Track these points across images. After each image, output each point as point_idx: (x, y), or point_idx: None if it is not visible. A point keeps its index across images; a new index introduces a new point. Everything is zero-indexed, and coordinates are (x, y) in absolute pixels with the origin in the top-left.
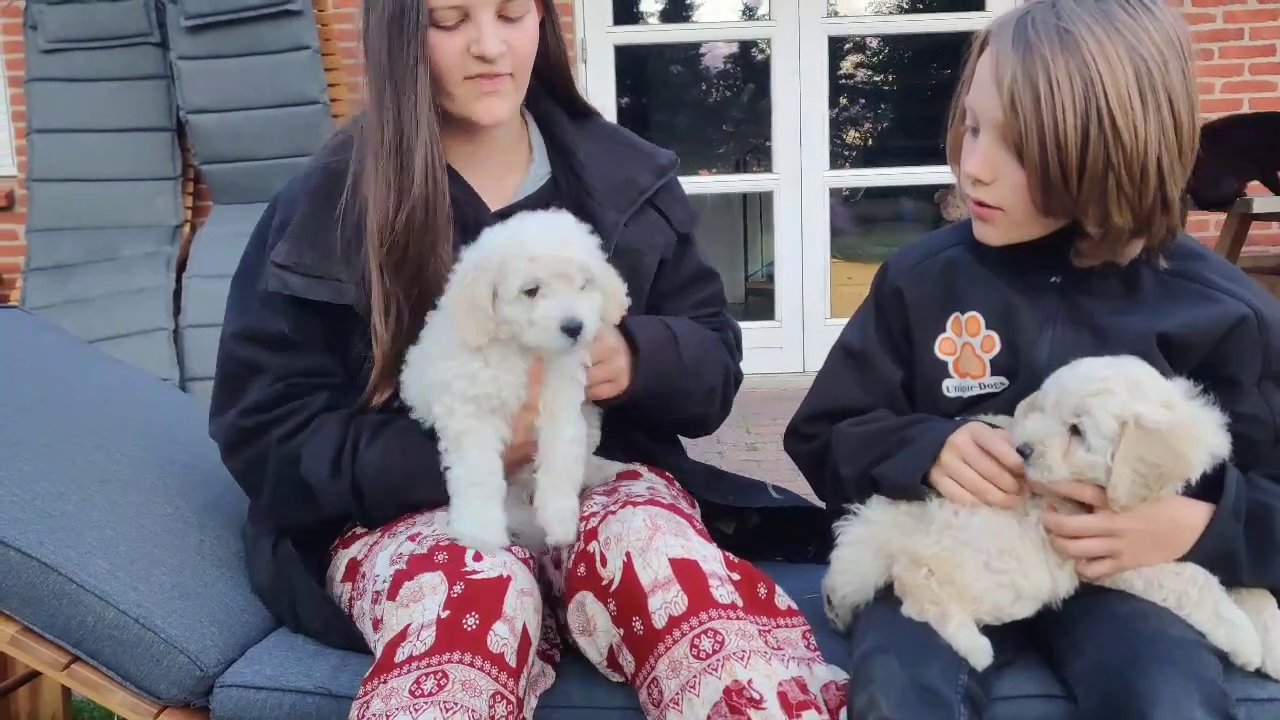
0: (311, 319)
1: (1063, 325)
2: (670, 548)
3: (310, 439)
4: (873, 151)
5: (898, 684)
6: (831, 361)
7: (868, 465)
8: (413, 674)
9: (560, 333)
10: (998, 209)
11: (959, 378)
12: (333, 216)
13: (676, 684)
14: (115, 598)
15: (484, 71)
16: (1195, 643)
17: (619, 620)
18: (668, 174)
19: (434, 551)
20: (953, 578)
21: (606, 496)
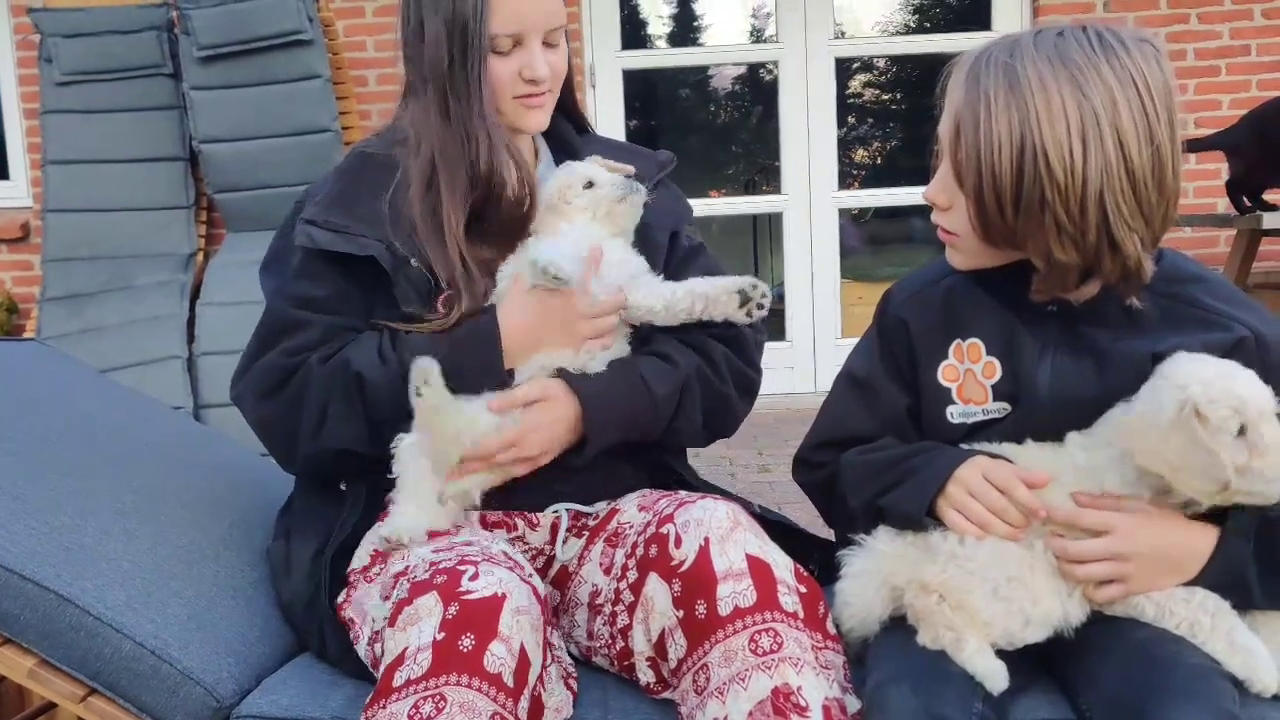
0: (341, 280)
1: (1063, 351)
2: (749, 544)
3: (350, 346)
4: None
5: (911, 713)
6: (837, 390)
7: (874, 495)
8: (411, 698)
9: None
10: (955, 234)
11: (962, 404)
12: (361, 189)
13: (727, 673)
14: (132, 630)
15: (531, 91)
16: (1211, 670)
17: (681, 601)
18: (666, 168)
19: (434, 574)
20: (963, 603)
21: (669, 496)
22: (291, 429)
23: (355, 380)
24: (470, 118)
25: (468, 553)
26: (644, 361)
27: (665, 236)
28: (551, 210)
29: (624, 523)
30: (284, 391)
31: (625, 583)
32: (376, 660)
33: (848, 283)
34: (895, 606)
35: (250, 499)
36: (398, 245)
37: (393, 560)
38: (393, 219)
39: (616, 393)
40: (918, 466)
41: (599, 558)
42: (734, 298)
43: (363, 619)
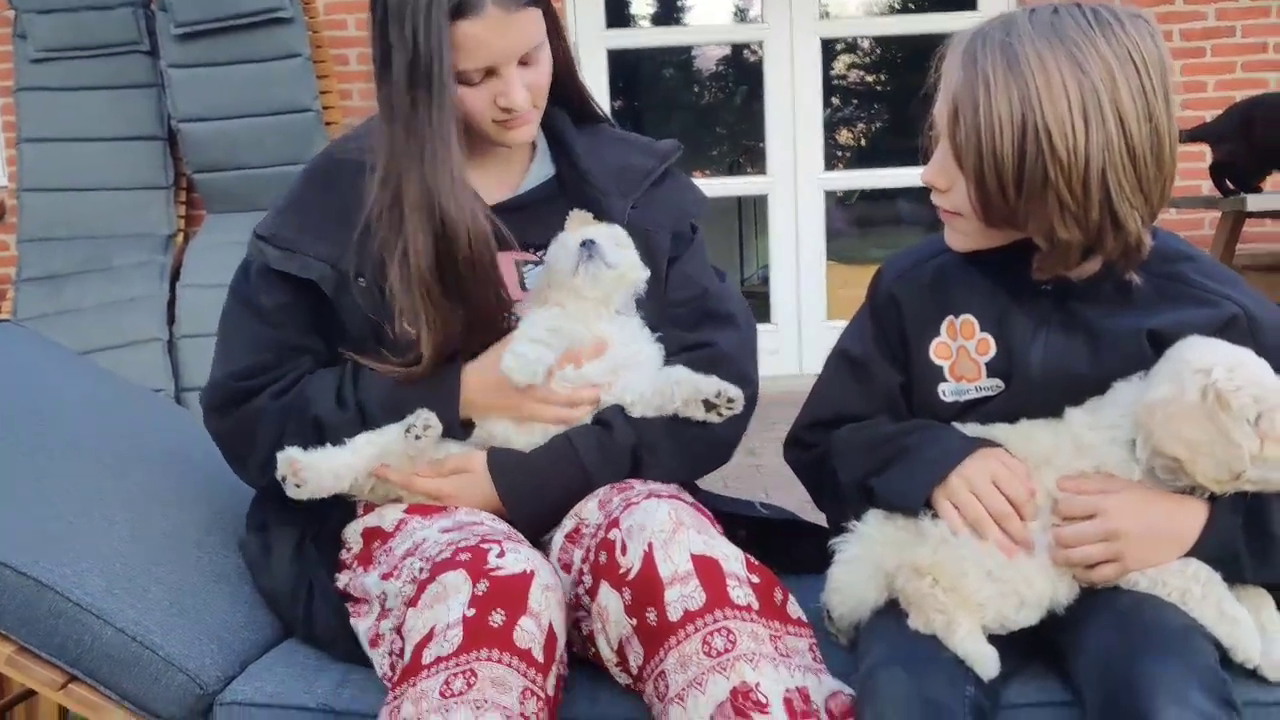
0: (288, 294)
1: (1056, 328)
2: (693, 543)
3: (309, 382)
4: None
5: (904, 698)
6: (829, 369)
7: (866, 473)
8: (442, 674)
9: (579, 247)
10: (956, 214)
11: (955, 381)
12: (322, 199)
13: (683, 679)
14: (113, 616)
15: (508, 118)
16: (1192, 630)
17: (632, 610)
18: (670, 158)
19: (456, 553)
20: (956, 585)
21: (625, 492)
22: (240, 454)
23: (313, 422)
24: (436, 167)
25: (484, 531)
26: (584, 436)
27: (666, 239)
28: (538, 288)
29: (583, 520)
30: (231, 413)
31: (583, 588)
32: (377, 638)
33: (833, 265)
34: (887, 592)
35: (233, 484)
36: (344, 264)
37: (394, 540)
38: (364, 232)
39: (541, 471)
40: (913, 448)
41: (559, 552)
42: (699, 406)
43: (365, 599)
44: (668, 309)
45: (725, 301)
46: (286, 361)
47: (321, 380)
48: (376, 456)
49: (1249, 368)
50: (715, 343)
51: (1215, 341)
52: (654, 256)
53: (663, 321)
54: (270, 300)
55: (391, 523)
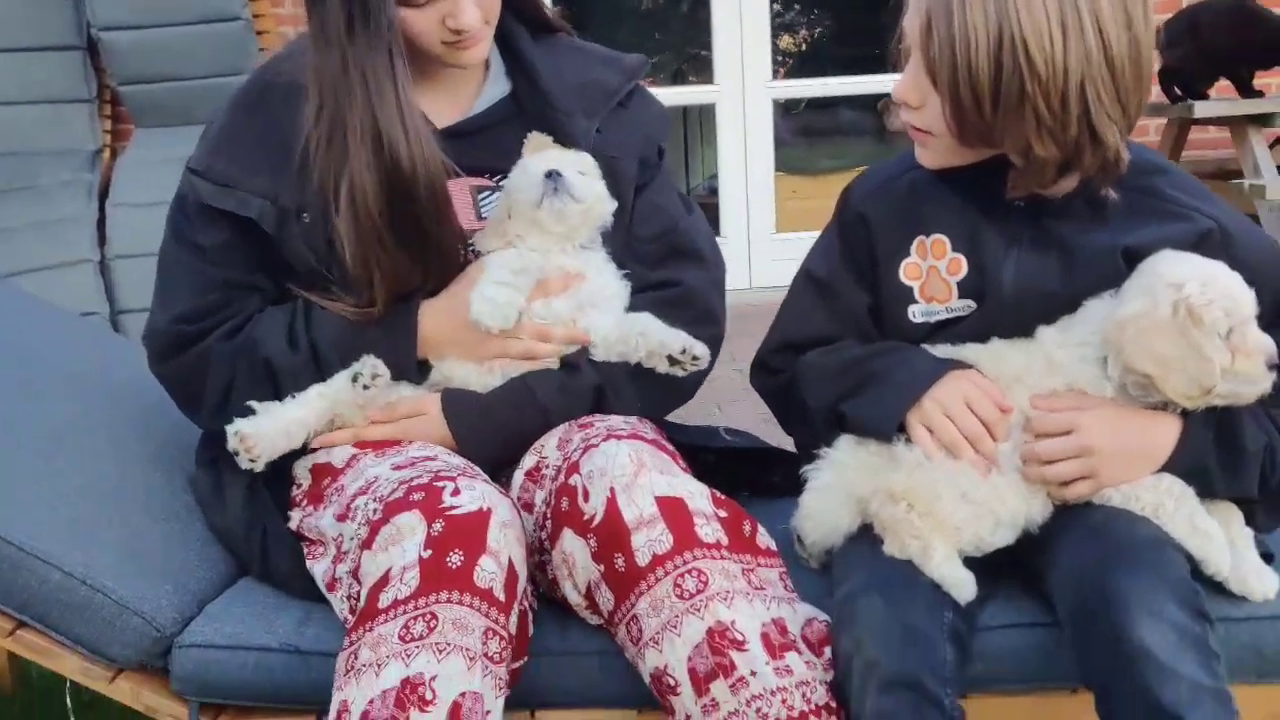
0: (228, 231)
1: (1028, 246)
2: (656, 485)
3: (258, 322)
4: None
5: (882, 624)
6: (795, 290)
7: (835, 398)
8: (400, 618)
9: (544, 179)
10: (927, 133)
11: (925, 303)
12: (256, 128)
13: (657, 622)
14: (59, 559)
15: (459, 39)
16: (1163, 541)
17: (599, 556)
18: (637, 75)
19: (409, 492)
20: (932, 509)
21: (585, 430)
22: (190, 397)
23: (264, 365)
24: (381, 96)
25: (437, 468)
26: (542, 378)
27: (633, 166)
28: (496, 217)
29: (544, 458)
30: (176, 358)
31: (545, 533)
32: (334, 582)
33: (781, 176)
34: (861, 518)
35: (176, 418)
36: (285, 199)
37: (343, 477)
38: (300, 164)
39: (497, 413)
40: (882, 371)
41: (519, 490)
42: (663, 360)
43: (320, 540)
44: (633, 243)
45: (694, 237)
46: (234, 302)
47: (272, 320)
48: (328, 410)
49: (1221, 282)
50: (683, 281)
51: (1188, 255)
52: (619, 185)
53: (627, 256)
54: (210, 238)
55: (342, 459)
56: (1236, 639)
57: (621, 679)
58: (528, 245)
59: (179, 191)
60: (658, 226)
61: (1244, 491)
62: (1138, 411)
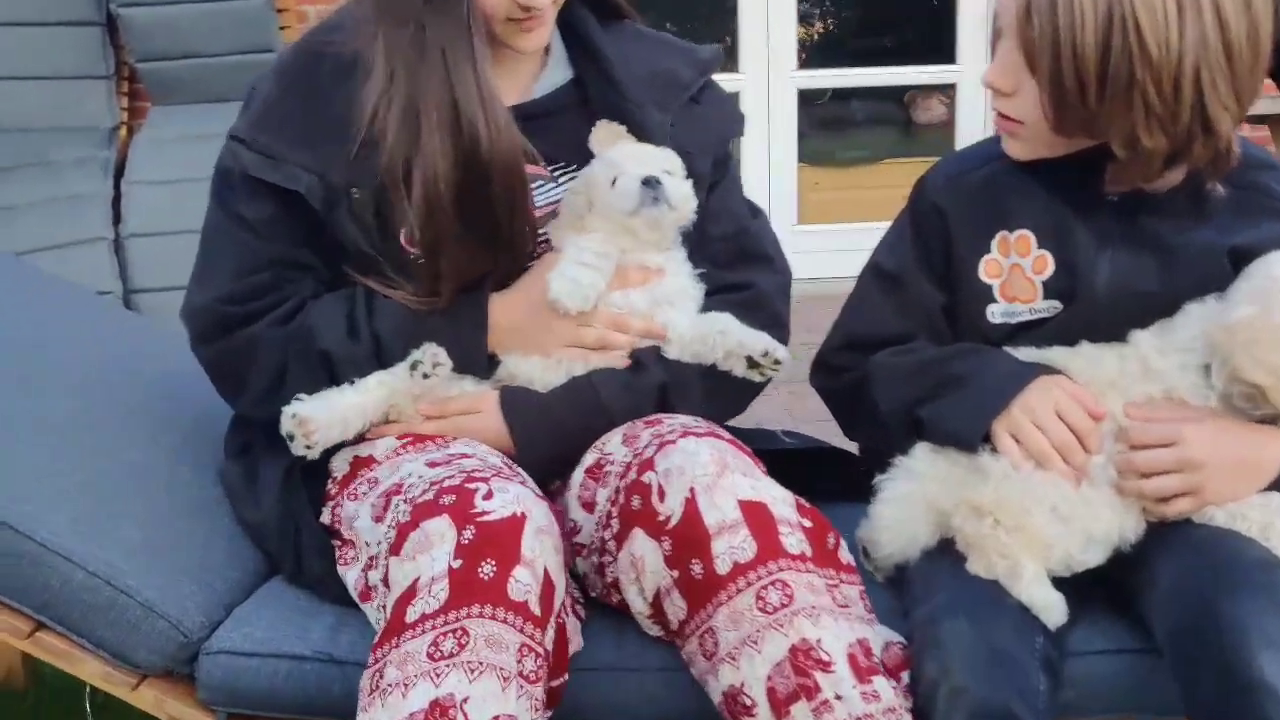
0: (273, 205)
1: (1123, 244)
2: (740, 488)
3: (313, 310)
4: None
5: (969, 649)
6: (863, 286)
7: (911, 402)
8: (429, 634)
9: (642, 187)
10: (1019, 122)
11: (1005, 302)
12: (304, 100)
13: (736, 637)
14: (82, 558)
15: (527, 16)
16: (1274, 564)
17: (674, 561)
18: (711, 69)
19: (439, 494)
20: (1021, 525)
21: (654, 426)
22: (233, 383)
23: (320, 356)
24: (460, 74)
25: (471, 467)
26: (606, 377)
27: (707, 164)
28: (573, 209)
29: (607, 454)
30: (224, 342)
31: (609, 533)
32: (368, 591)
33: (804, 167)
34: (940, 531)
35: (203, 406)
36: (334, 176)
37: (379, 470)
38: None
39: (557, 412)
40: (965, 375)
41: (579, 489)
42: (741, 361)
43: (355, 540)
44: (705, 244)
45: (763, 241)
46: (285, 284)
47: (329, 308)
48: (387, 398)
49: None
50: (755, 284)
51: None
52: (694, 184)
53: (699, 256)
54: (256, 211)
55: (384, 451)
56: None
57: (683, 697)
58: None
59: (221, 162)
60: (729, 227)
61: None
62: (1245, 425)
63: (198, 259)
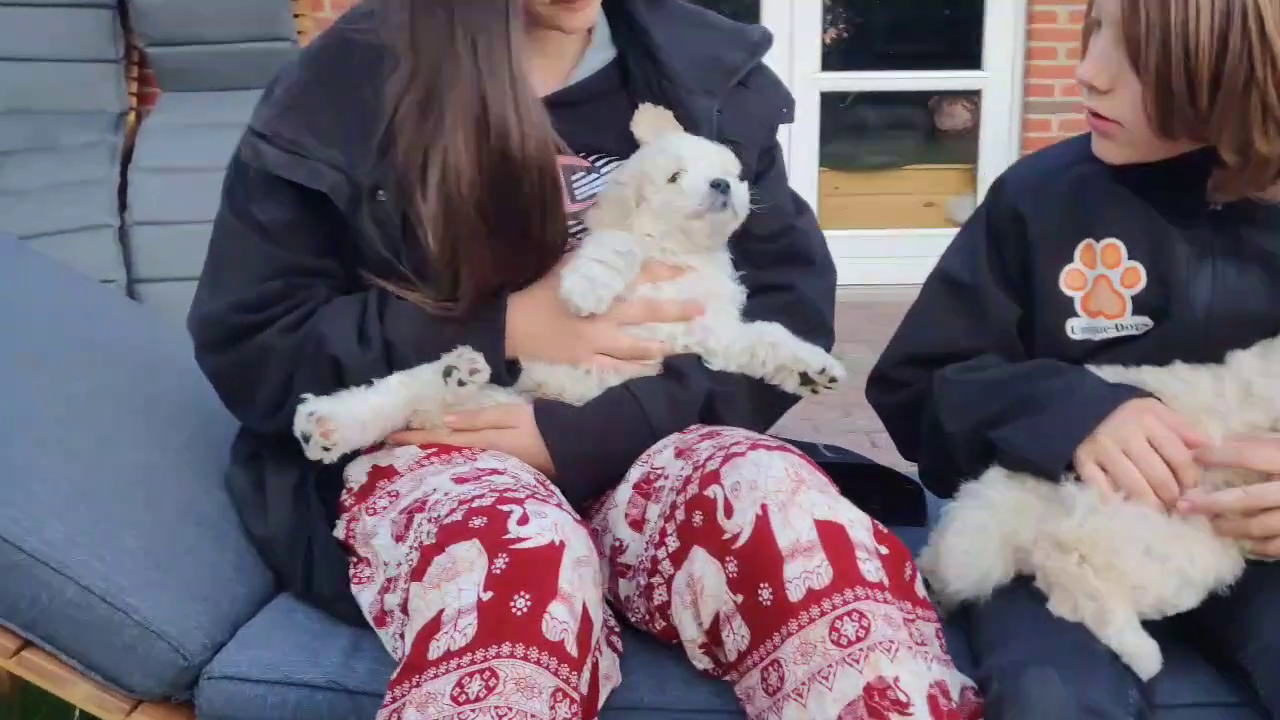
0: (293, 207)
1: (1226, 257)
2: (816, 506)
3: (323, 315)
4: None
5: (1059, 706)
6: (929, 295)
7: (983, 423)
8: (454, 674)
9: (711, 189)
10: (1115, 122)
11: (1088, 317)
12: (332, 91)
13: (805, 671)
14: (76, 570)
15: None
16: None
17: (739, 584)
18: (761, 51)
19: (469, 515)
20: (1111, 564)
21: (715, 438)
22: (242, 394)
23: (330, 363)
24: (491, 63)
25: (504, 485)
26: (649, 389)
27: (754, 156)
28: (620, 200)
29: (657, 468)
30: (235, 351)
31: (664, 551)
32: (384, 615)
33: (825, 171)
34: (1017, 567)
35: (210, 405)
36: (361, 173)
37: (401, 482)
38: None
39: (600, 432)
40: (1045, 396)
41: (625, 505)
42: (794, 377)
43: (372, 559)
44: (747, 242)
45: (808, 240)
46: (298, 290)
47: (340, 313)
48: (410, 402)
49: None
50: (796, 285)
51: None
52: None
53: (738, 255)
54: (273, 214)
55: (406, 461)
56: None
57: None
58: (656, 243)
59: (238, 157)
60: (774, 225)
61: None
62: None
63: (207, 263)
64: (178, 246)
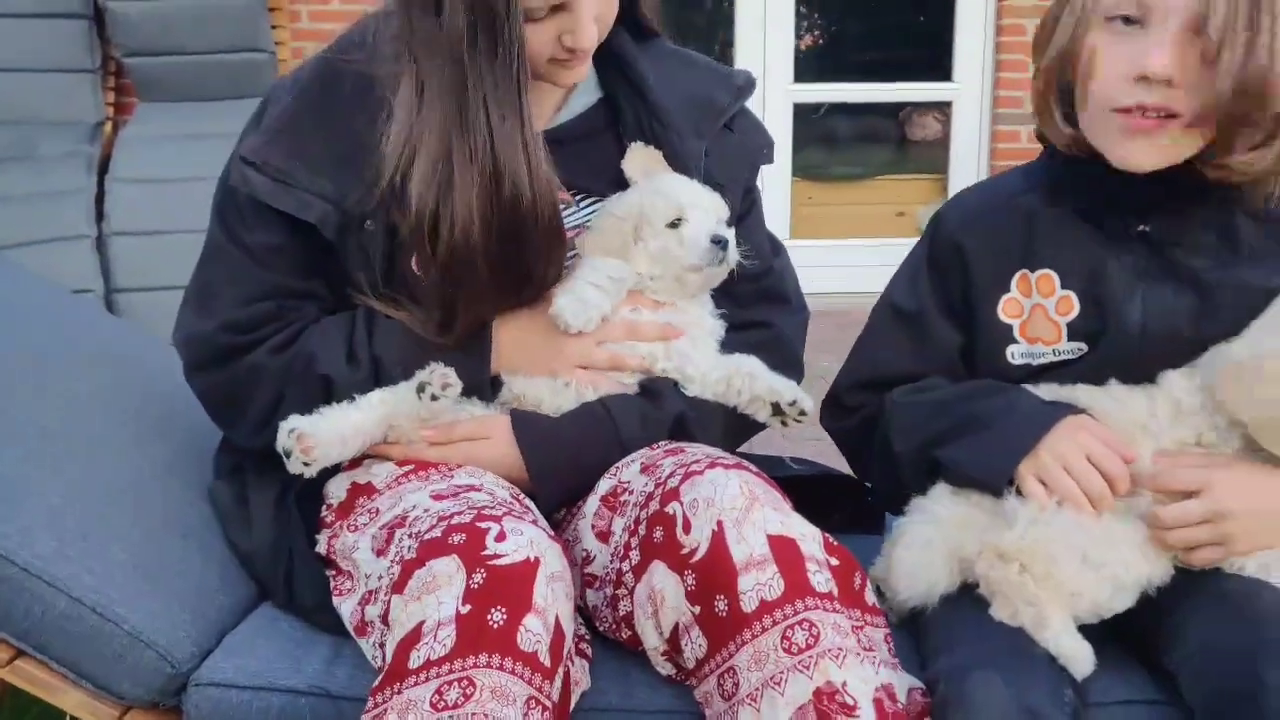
0: (279, 232)
1: (1157, 281)
2: (769, 522)
3: (312, 335)
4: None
5: (1001, 707)
6: (877, 323)
7: (929, 442)
8: (433, 682)
9: (712, 245)
10: (1173, 117)
11: (1026, 343)
12: (322, 119)
13: (758, 678)
14: (66, 583)
15: (571, 57)
16: None
17: (696, 596)
18: (746, 95)
19: (448, 532)
20: (1049, 572)
21: (677, 455)
22: (231, 412)
23: (320, 382)
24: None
25: (481, 503)
26: (623, 405)
27: (738, 196)
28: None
29: (624, 483)
30: (224, 371)
31: (628, 564)
32: (365, 625)
33: (798, 181)
34: (961, 577)
35: (194, 418)
36: (351, 204)
37: (380, 500)
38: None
39: (573, 443)
40: (987, 415)
41: (593, 517)
42: (767, 407)
43: (353, 572)
44: (728, 282)
45: (784, 281)
46: (288, 311)
47: (329, 332)
48: (388, 416)
49: None
50: (773, 323)
51: None
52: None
53: (719, 293)
54: (262, 239)
55: (384, 478)
56: None
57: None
58: (645, 280)
59: (227, 181)
60: (754, 266)
61: None
62: (1275, 469)
63: (195, 281)
64: (156, 256)
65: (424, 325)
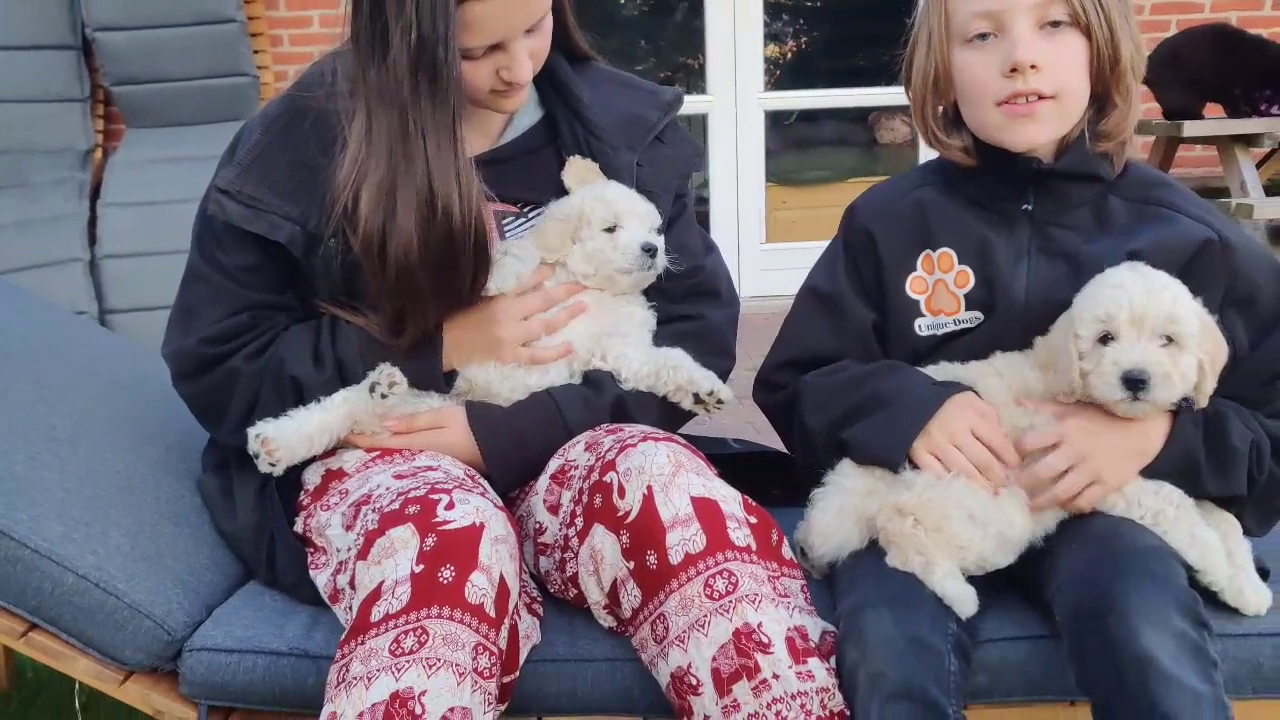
0: (252, 253)
1: (1038, 256)
2: (693, 485)
3: (283, 341)
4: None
5: (888, 637)
6: (800, 307)
7: (836, 420)
8: (391, 632)
9: (642, 253)
10: (1050, 97)
11: (931, 315)
12: (287, 152)
13: (685, 621)
14: (73, 562)
15: (509, 88)
16: (1165, 551)
17: (630, 553)
18: (673, 110)
19: (405, 504)
20: (940, 527)
21: (617, 433)
22: (214, 415)
23: (290, 383)
24: (440, 161)
25: (436, 479)
26: (567, 395)
27: (668, 202)
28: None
29: (570, 461)
30: (203, 379)
31: (573, 530)
32: (337, 593)
33: (772, 186)
34: (869, 535)
35: (183, 420)
36: (313, 224)
37: (350, 482)
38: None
39: (522, 428)
40: (884, 396)
41: (544, 493)
42: (689, 397)
43: (326, 547)
44: (660, 280)
45: (715, 277)
46: (262, 322)
47: (297, 338)
48: (350, 415)
49: (1110, 292)
50: (704, 316)
51: (1137, 267)
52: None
53: (651, 289)
54: (237, 259)
55: (354, 464)
56: (1234, 655)
57: (629, 685)
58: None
59: (205, 209)
60: (684, 265)
61: (1232, 489)
62: (1112, 416)
63: (178, 303)
64: (147, 277)
65: (379, 329)
